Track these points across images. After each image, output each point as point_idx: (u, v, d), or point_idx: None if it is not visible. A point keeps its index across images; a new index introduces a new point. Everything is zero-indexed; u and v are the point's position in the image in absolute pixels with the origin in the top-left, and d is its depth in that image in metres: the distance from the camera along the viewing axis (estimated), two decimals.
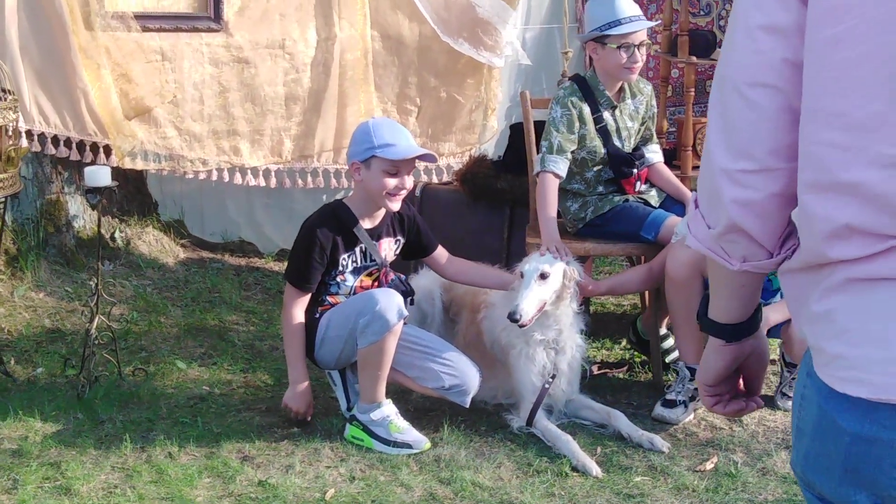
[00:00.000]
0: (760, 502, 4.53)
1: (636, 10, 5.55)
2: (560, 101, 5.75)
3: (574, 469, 4.80)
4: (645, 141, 5.89)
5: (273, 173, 7.07)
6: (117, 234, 6.96)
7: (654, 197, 5.83)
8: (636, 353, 6.07)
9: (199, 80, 6.75)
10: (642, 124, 5.88)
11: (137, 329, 6.19)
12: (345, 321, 5.01)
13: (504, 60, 7.27)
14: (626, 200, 5.74)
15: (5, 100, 5.37)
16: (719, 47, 6.53)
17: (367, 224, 5.15)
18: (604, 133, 5.74)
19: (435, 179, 7.22)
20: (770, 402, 5.44)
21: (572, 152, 5.67)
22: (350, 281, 5.14)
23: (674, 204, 5.86)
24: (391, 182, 5.03)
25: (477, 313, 5.43)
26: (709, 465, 4.83)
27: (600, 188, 5.82)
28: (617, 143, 5.75)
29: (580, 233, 5.79)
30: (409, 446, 4.94)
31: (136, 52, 6.56)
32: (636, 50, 5.53)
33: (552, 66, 7.64)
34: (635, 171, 5.75)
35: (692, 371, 5.33)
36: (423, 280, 5.71)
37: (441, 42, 7.09)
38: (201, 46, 6.74)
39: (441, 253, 5.41)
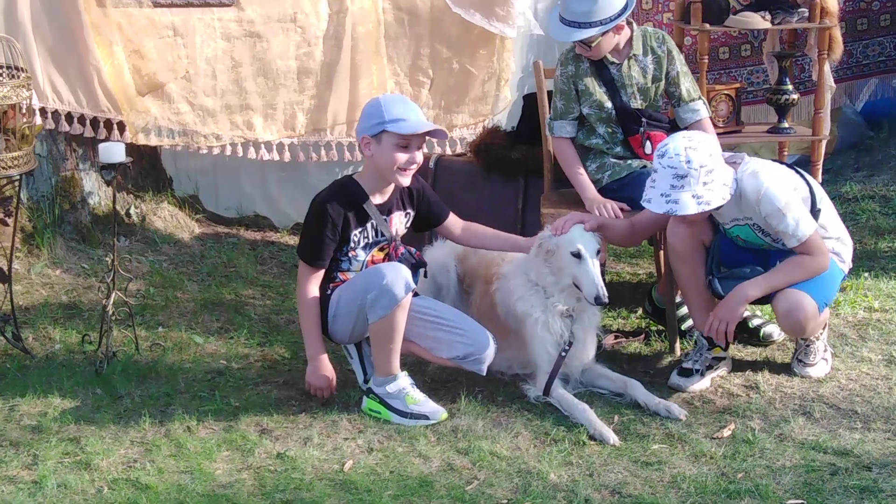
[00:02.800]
0: (778, 468, 4.53)
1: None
2: (559, 60, 5.86)
3: (591, 438, 4.81)
4: (677, 100, 5.86)
5: (286, 147, 7.08)
6: (132, 210, 6.98)
7: None
8: (651, 322, 6.06)
9: (212, 56, 6.75)
10: (655, 82, 5.85)
11: (154, 304, 6.20)
12: (354, 296, 5.02)
13: (516, 31, 7.24)
14: (644, 167, 5.73)
15: (18, 77, 5.37)
16: (733, 14, 6.49)
17: (377, 199, 5.14)
18: (610, 87, 5.78)
19: (449, 151, 7.21)
20: (787, 370, 5.44)
21: (580, 111, 5.77)
22: (361, 256, 5.14)
23: None
24: (402, 156, 5.03)
25: (490, 285, 5.43)
26: (726, 433, 4.84)
27: (618, 149, 5.83)
28: (624, 98, 5.78)
29: None
30: (425, 417, 4.95)
31: (147, 28, 6.56)
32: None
33: None
34: (641, 129, 5.75)
35: (709, 340, 5.33)
36: (438, 252, 5.71)
37: (453, 13, 7.07)
38: (213, 21, 6.73)
39: (453, 220, 5.41)
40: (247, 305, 6.28)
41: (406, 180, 5.11)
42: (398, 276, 4.92)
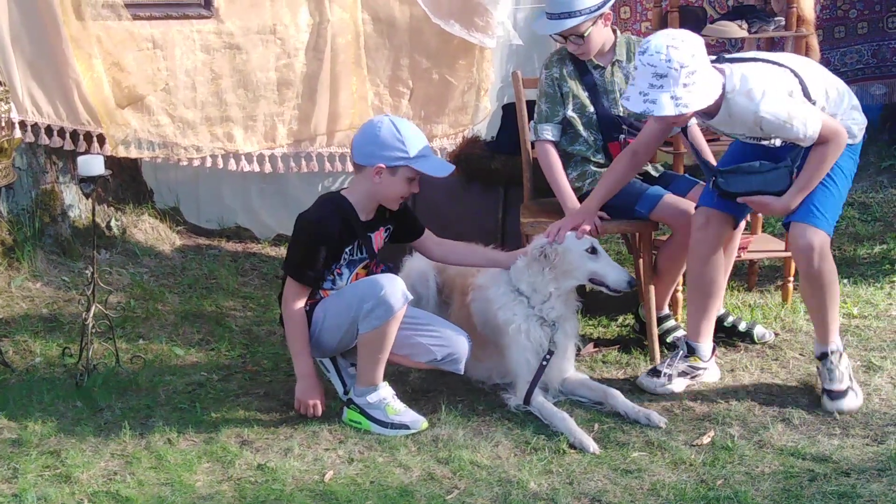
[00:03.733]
0: (757, 475, 4.54)
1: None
2: (546, 65, 5.87)
3: (571, 446, 4.81)
4: None
5: (267, 159, 7.09)
6: (113, 223, 6.98)
7: (655, 169, 5.86)
8: (632, 332, 6.08)
9: (191, 68, 6.76)
10: None
11: (135, 317, 6.20)
12: (346, 308, 5.00)
13: (496, 41, 7.27)
14: None
15: None
16: (710, 23, 6.53)
17: (362, 217, 5.13)
18: (593, 92, 5.79)
19: None
20: (767, 376, 5.47)
21: (565, 114, 5.77)
22: (346, 274, 5.13)
23: (674, 179, 5.87)
24: (408, 189, 5.06)
25: (465, 295, 5.44)
26: (705, 440, 4.85)
27: (599, 156, 5.83)
28: (605, 103, 5.79)
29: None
30: (406, 427, 4.96)
31: (127, 40, 6.57)
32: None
33: (544, 45, 7.63)
34: (622, 136, 5.75)
35: (690, 349, 5.35)
36: (417, 262, 5.72)
37: (432, 24, 7.10)
38: (192, 34, 6.75)
39: (429, 236, 5.41)
40: (228, 317, 6.28)
41: (397, 205, 5.13)
42: (395, 287, 4.92)
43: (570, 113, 5.81)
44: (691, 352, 5.38)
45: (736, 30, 6.48)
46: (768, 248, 6.52)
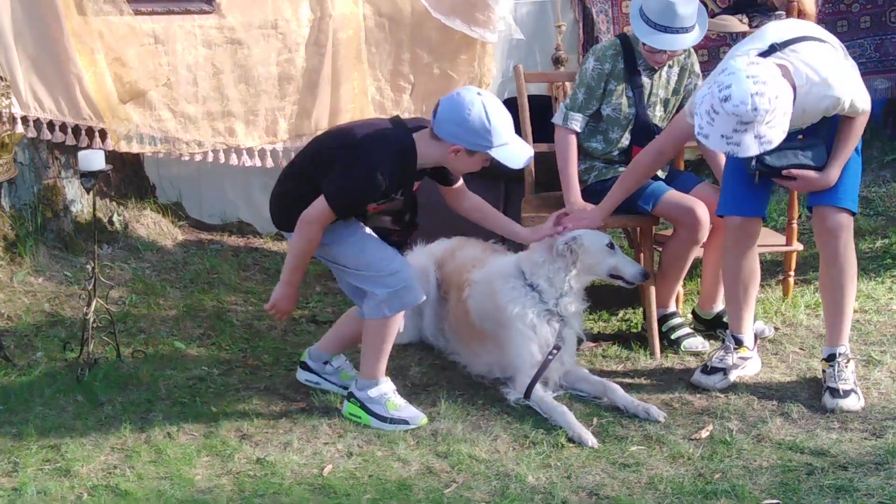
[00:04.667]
0: (755, 469, 4.55)
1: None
2: (596, 54, 5.74)
3: (570, 440, 4.82)
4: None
5: (268, 153, 7.09)
6: (115, 218, 7.00)
7: (662, 169, 5.85)
8: (632, 326, 6.09)
9: (193, 63, 6.77)
10: (674, 94, 5.86)
11: (136, 312, 6.22)
12: (364, 266, 4.91)
13: (497, 36, 7.27)
14: None
15: None
16: (711, 17, 6.52)
17: (418, 167, 4.91)
18: (637, 95, 5.73)
19: None
20: (766, 371, 5.47)
21: (598, 108, 5.72)
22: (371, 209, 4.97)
23: (678, 175, 5.87)
24: (482, 165, 4.90)
25: (461, 291, 5.45)
26: (704, 434, 4.86)
27: (615, 153, 5.82)
28: (646, 108, 5.76)
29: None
30: (405, 423, 4.96)
31: (129, 35, 6.58)
32: None
33: (546, 40, 7.64)
34: None
35: (737, 341, 5.36)
36: (418, 258, 5.73)
37: (433, 19, 7.10)
38: (194, 29, 6.76)
39: (462, 187, 5.24)
40: (229, 311, 6.29)
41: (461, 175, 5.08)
42: (416, 283, 4.93)
43: (607, 111, 5.77)
44: (738, 343, 5.39)
45: (737, 24, 6.48)
46: (769, 242, 6.52)
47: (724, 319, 5.78)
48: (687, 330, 5.88)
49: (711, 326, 6.00)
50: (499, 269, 5.39)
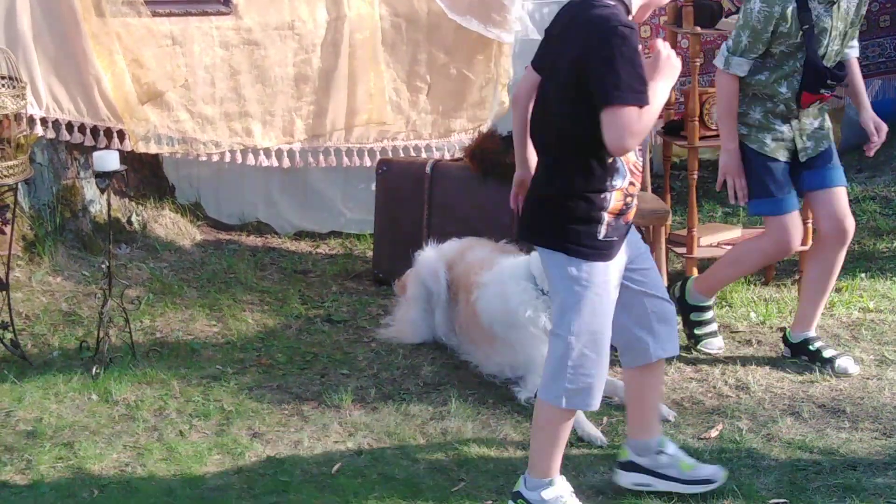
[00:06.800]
0: (763, 468, 4.56)
1: None
2: None
3: (580, 439, 4.84)
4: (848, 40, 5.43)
5: (286, 153, 7.13)
6: (133, 218, 7.04)
7: (816, 143, 5.43)
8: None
9: (210, 64, 6.81)
10: (852, 27, 5.40)
11: (153, 311, 6.25)
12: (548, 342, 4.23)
13: (514, 36, 7.28)
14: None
15: (14, 87, 5.44)
16: (725, 17, 6.52)
17: None
18: (809, 34, 5.20)
19: (447, 156, 7.25)
20: (778, 370, 5.47)
21: (772, 48, 5.26)
22: None
23: (830, 162, 5.47)
24: None
25: (470, 294, 5.45)
26: (713, 433, 4.87)
27: (786, 94, 5.32)
28: (822, 47, 5.25)
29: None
30: None
31: (146, 37, 6.63)
32: None
33: None
34: (825, 91, 5.31)
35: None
36: (428, 257, 5.75)
37: (450, 20, 7.12)
38: (211, 30, 6.80)
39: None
40: (244, 311, 6.32)
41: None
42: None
43: (781, 49, 5.25)
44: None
45: None
46: None
47: (811, 347, 5.55)
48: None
49: (797, 353, 5.61)
50: (510, 272, 5.38)
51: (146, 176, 7.25)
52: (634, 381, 4.39)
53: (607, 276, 4.04)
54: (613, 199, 4.00)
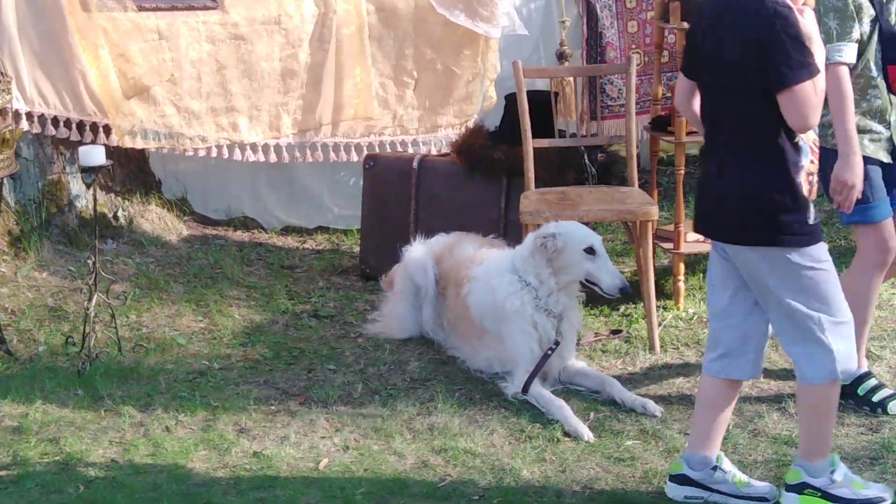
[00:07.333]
0: (749, 463, 4.57)
1: None
2: None
3: (566, 434, 4.85)
4: None
5: (272, 148, 7.11)
6: (120, 213, 7.02)
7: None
8: (633, 321, 6.04)
9: (197, 58, 6.79)
10: None
11: (139, 306, 6.24)
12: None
13: (500, 31, 7.28)
14: None
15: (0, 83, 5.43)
16: None
17: None
18: (880, 4, 4.78)
19: (434, 151, 7.24)
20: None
21: (860, 30, 4.73)
22: None
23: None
24: None
25: (461, 288, 5.46)
26: None
27: (878, 75, 4.86)
28: (891, 15, 4.83)
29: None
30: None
31: (132, 31, 6.61)
32: None
33: (550, 35, 7.64)
34: None
35: None
36: (417, 252, 5.74)
37: (437, 14, 7.11)
38: (197, 25, 6.78)
39: None
40: (231, 306, 6.31)
41: None
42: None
43: (866, 28, 4.75)
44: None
45: None
46: None
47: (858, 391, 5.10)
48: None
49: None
50: (496, 265, 5.41)
51: (132, 171, 7.23)
52: (717, 392, 4.31)
53: (826, 252, 4.08)
54: (805, 182, 4.03)
